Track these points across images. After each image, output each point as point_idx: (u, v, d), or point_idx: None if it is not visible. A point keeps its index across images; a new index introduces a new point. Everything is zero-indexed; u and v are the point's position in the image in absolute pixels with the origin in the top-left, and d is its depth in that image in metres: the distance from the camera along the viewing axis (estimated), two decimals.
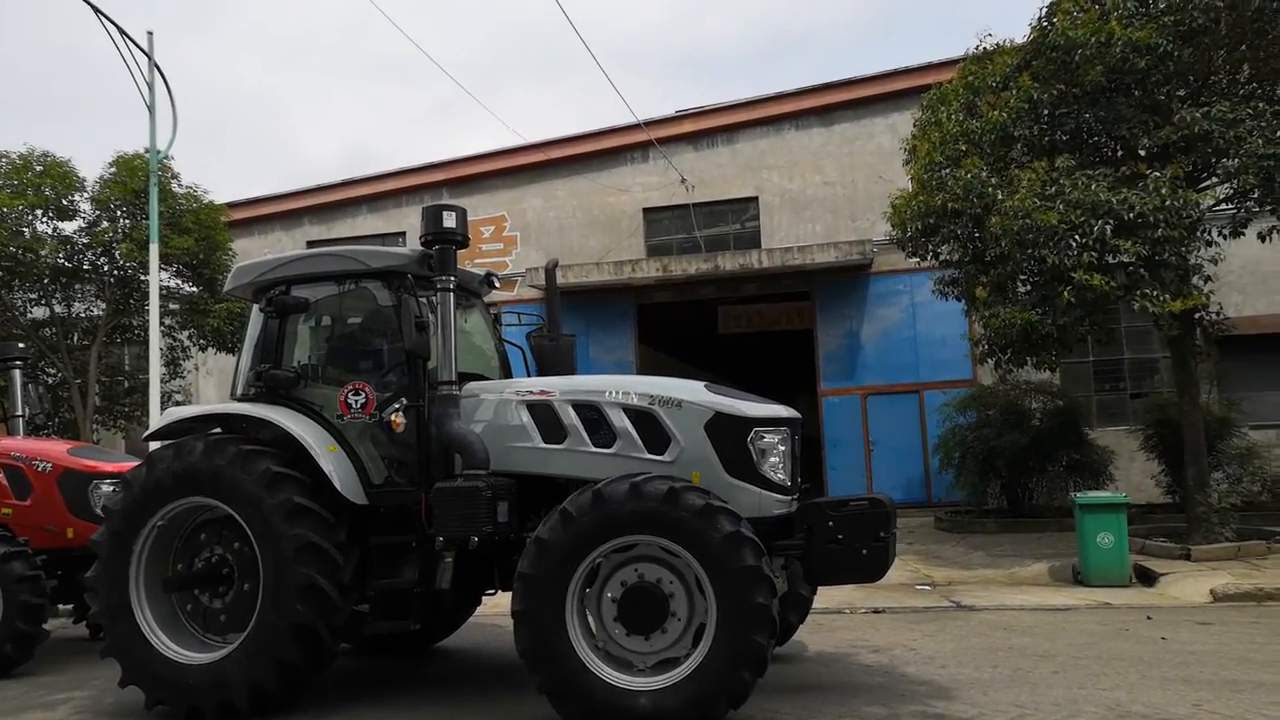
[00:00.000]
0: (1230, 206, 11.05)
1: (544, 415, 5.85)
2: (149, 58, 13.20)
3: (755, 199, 17.95)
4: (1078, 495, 10.42)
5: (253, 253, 18.93)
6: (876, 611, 8.70)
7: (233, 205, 18.23)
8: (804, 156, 17.68)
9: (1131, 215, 9.44)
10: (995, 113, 10.75)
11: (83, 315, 15.69)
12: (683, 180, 17.80)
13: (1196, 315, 10.88)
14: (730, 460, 5.52)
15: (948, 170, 10.87)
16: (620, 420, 5.69)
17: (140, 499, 5.92)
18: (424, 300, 5.95)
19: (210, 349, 15.32)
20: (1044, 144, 10.78)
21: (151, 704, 5.81)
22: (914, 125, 12.22)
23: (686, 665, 5.01)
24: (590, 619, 5.23)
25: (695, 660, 4.99)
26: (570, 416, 5.79)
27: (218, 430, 6.25)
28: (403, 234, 19.37)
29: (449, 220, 5.91)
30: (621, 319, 18.09)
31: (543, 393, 5.91)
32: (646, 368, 18.17)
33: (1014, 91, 10.77)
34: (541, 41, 74.17)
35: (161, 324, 14.11)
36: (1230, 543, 10.56)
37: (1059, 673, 6.16)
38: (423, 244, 6.06)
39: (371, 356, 6.54)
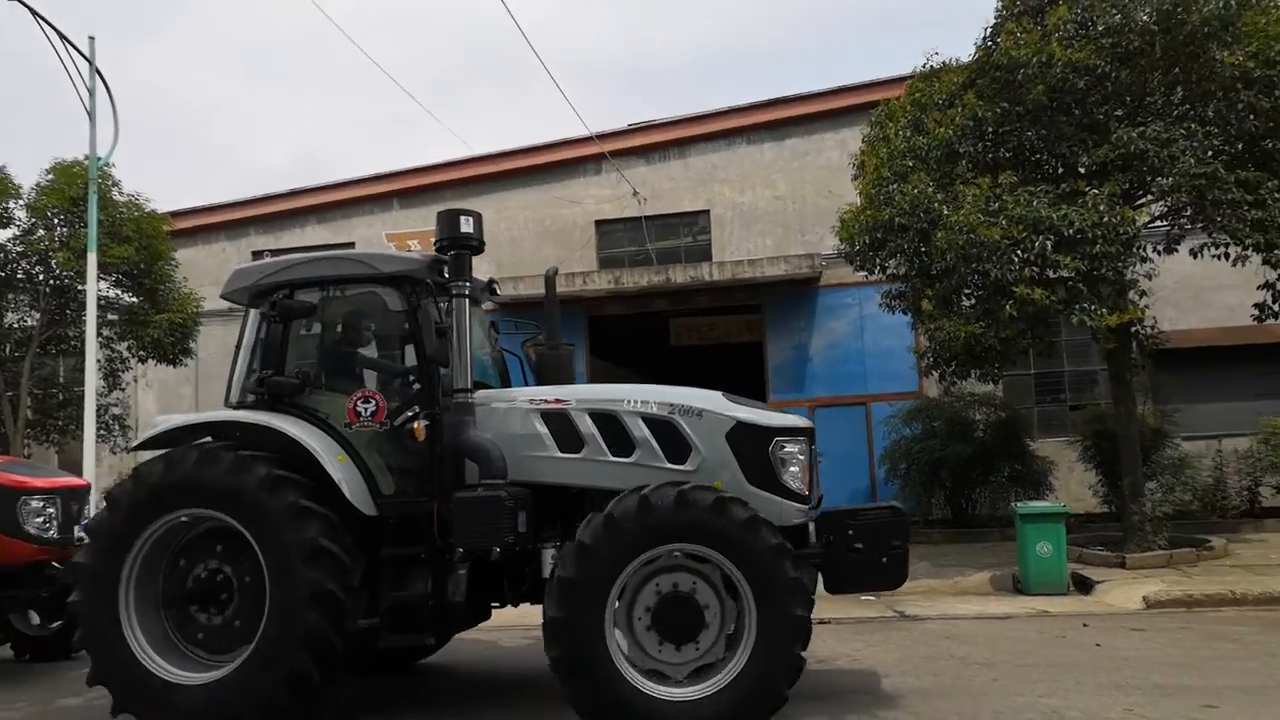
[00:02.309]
0: (1164, 224, 11.39)
1: (559, 424, 5.79)
2: (90, 63, 12.91)
3: (707, 212, 18.07)
4: (1018, 505, 10.61)
5: (197, 264, 18.63)
6: (822, 622, 8.73)
7: (176, 214, 17.86)
8: (755, 171, 17.85)
9: (1071, 231, 9.68)
10: (941, 130, 10.97)
11: (15, 326, 15.22)
12: (635, 193, 17.86)
13: (1132, 329, 11.17)
14: (752, 469, 5.57)
15: (895, 185, 11.04)
16: (640, 429, 5.68)
17: (129, 515, 5.64)
18: (441, 306, 5.84)
19: (151, 361, 14.95)
20: (988, 161, 11.02)
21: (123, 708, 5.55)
22: (863, 141, 12.41)
23: (723, 675, 5.04)
24: (622, 628, 5.18)
25: (733, 671, 5.03)
26: (588, 425, 5.74)
27: (208, 439, 5.99)
28: (351, 244, 19.12)
29: (466, 225, 5.80)
30: (573, 331, 18.01)
31: (557, 401, 5.85)
32: (597, 379, 18.14)
33: (959, 109, 11.00)
34: (500, 55, 74.11)
35: (99, 335, 13.75)
36: (1163, 550, 10.83)
37: (998, 680, 6.26)
38: (438, 249, 5.93)
39: (380, 364, 6.43)
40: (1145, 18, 10.27)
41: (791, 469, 5.64)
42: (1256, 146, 10.38)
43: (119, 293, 14.88)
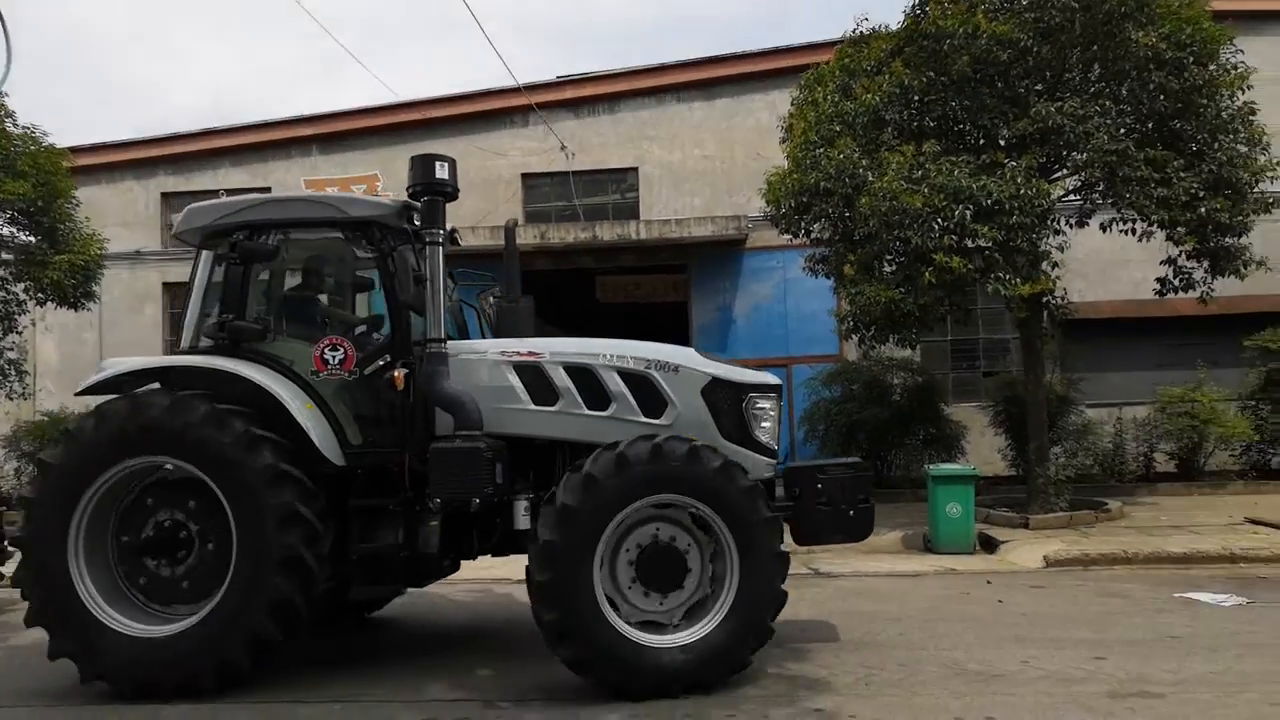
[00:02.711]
0: (1077, 198, 11.73)
1: (533, 377, 5.78)
2: None
3: (635, 170, 17.95)
4: (930, 467, 10.94)
5: (101, 203, 17.77)
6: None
7: (78, 150, 16.97)
8: (685, 130, 17.77)
9: (989, 202, 9.89)
10: (868, 96, 11.05)
11: None
12: (563, 147, 17.62)
13: (1044, 299, 11.53)
14: (726, 424, 5.70)
15: (822, 150, 11.11)
16: (615, 384, 5.72)
17: (89, 455, 5.38)
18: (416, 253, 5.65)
19: (50, 304, 14.24)
20: (913, 129, 11.16)
21: (89, 678, 5.38)
22: (791, 104, 12.44)
23: (712, 616, 5.23)
24: (608, 585, 5.25)
25: (720, 611, 5.23)
26: (562, 379, 5.75)
27: (155, 385, 5.75)
28: (268, 188, 18.46)
29: (441, 171, 5.63)
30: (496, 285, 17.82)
31: (530, 354, 5.82)
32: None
33: (887, 76, 11.09)
34: (439, 4, 71.75)
35: None
36: (1064, 512, 11.32)
37: (905, 634, 6.48)
38: (411, 195, 5.76)
39: (346, 313, 6.22)
40: None
41: (763, 424, 5.80)
42: (1165, 126, 10.75)
43: (14, 231, 14.08)
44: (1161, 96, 10.44)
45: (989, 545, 10.36)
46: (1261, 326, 14.42)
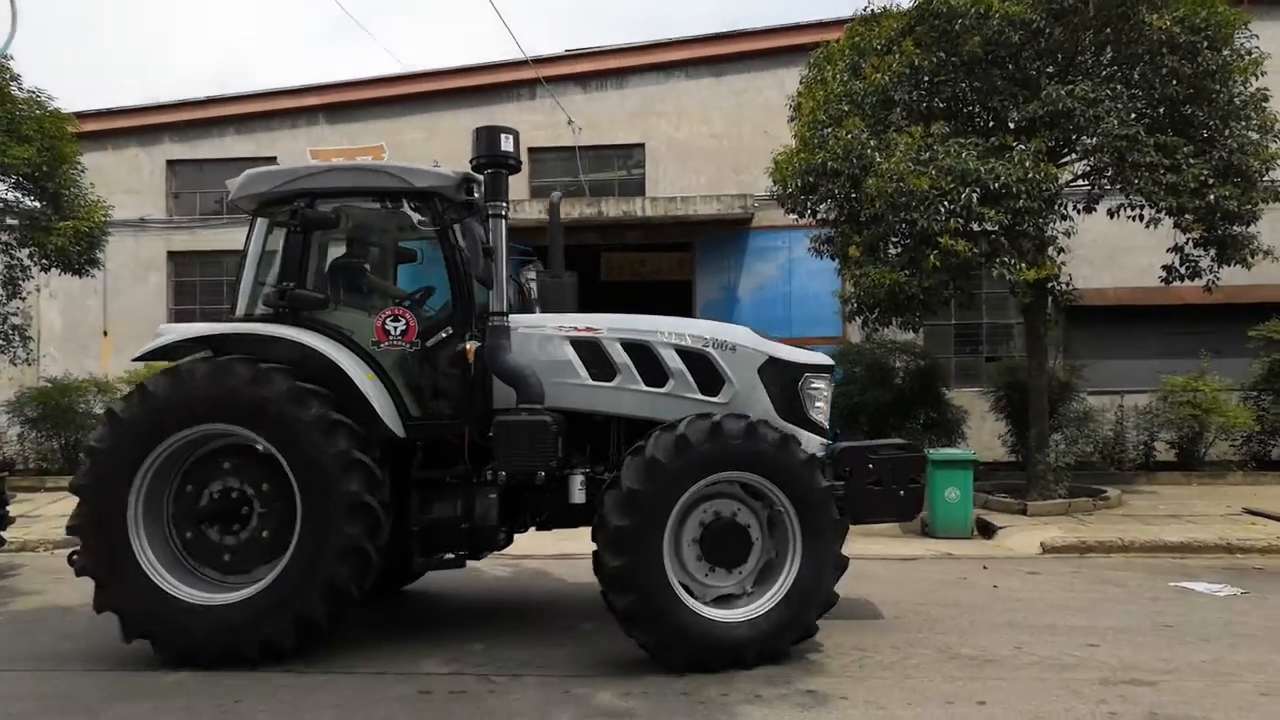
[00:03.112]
0: (1085, 183, 11.64)
1: (590, 352, 5.85)
2: None
3: (642, 145, 17.84)
4: (930, 451, 10.93)
5: (106, 169, 17.70)
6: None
7: (83, 116, 16.86)
8: (692, 106, 17.64)
9: (997, 185, 9.81)
10: (878, 75, 10.95)
11: None
12: (570, 121, 17.50)
13: (1049, 285, 11.47)
14: (781, 403, 5.82)
15: (829, 129, 11.01)
16: (674, 361, 5.80)
17: (163, 414, 5.36)
18: (487, 225, 5.67)
19: (54, 270, 14.23)
20: (922, 110, 11.06)
21: (132, 637, 5.42)
22: (800, 82, 12.32)
23: (779, 589, 5.37)
24: (674, 562, 5.33)
25: (787, 583, 5.36)
26: (620, 355, 5.82)
27: (207, 353, 5.79)
28: (274, 158, 18.38)
29: (506, 144, 5.65)
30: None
31: (588, 329, 5.89)
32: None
33: (897, 56, 10.98)
34: None
35: None
36: (1062, 499, 11.33)
37: (899, 618, 6.50)
38: (474, 167, 5.76)
39: (409, 280, 6.24)
40: None
41: (817, 404, 5.95)
42: (1176, 112, 10.64)
43: (19, 196, 14.05)
44: (1174, 81, 10.33)
45: (987, 530, 10.38)
46: (1267, 316, 14.35)
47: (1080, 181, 11.66)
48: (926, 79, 10.95)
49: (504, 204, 5.67)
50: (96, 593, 5.45)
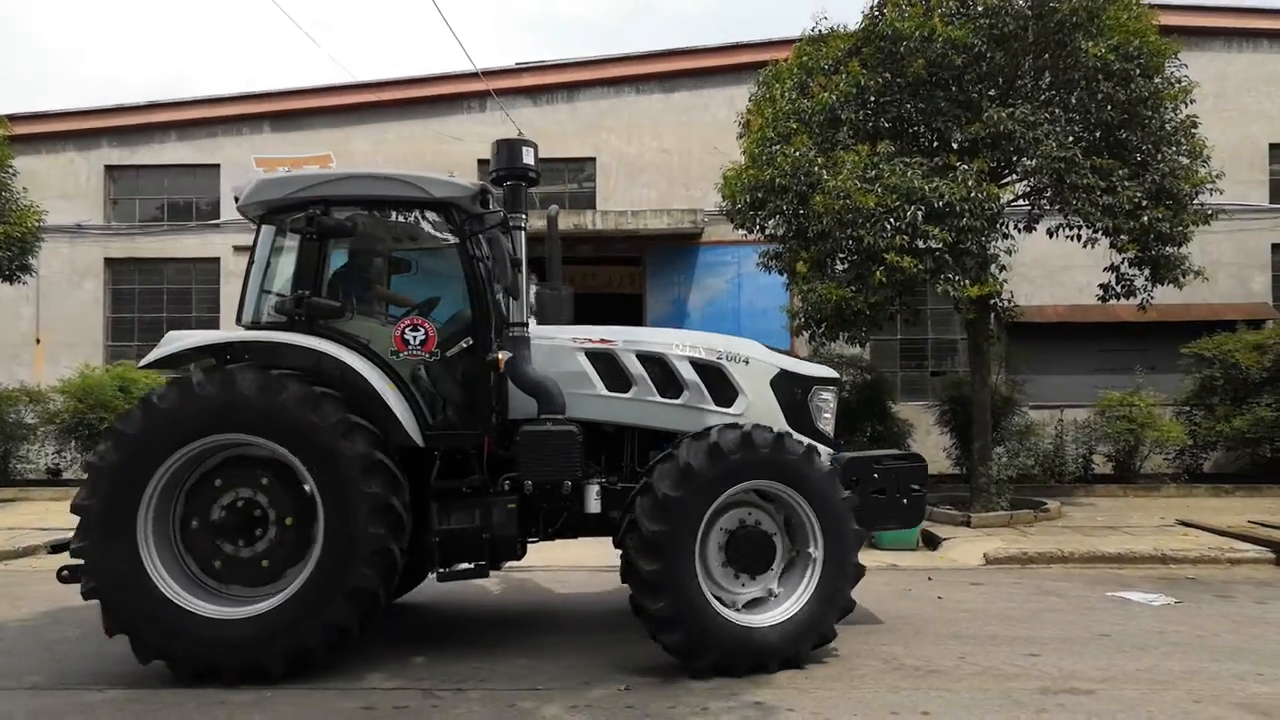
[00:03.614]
0: (1026, 203, 11.93)
1: (606, 364, 5.93)
2: None
3: (593, 159, 17.88)
4: None
5: (40, 174, 17.21)
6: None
7: (15, 119, 16.37)
8: (643, 121, 17.74)
9: (941, 203, 10.01)
10: (825, 95, 11.11)
11: None
12: (520, 134, 17.43)
13: (991, 301, 11.72)
14: (792, 415, 6.02)
15: (778, 147, 11.15)
16: (688, 373, 5.92)
17: (170, 426, 5.19)
18: (512, 236, 5.70)
19: None
20: (868, 129, 11.26)
21: (149, 658, 5.22)
22: (749, 100, 12.47)
23: (800, 595, 5.52)
24: (702, 568, 5.42)
25: (809, 589, 5.50)
26: (636, 366, 5.91)
27: (211, 360, 5.69)
28: (217, 165, 18.08)
29: (527, 157, 5.74)
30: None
31: (603, 341, 5.98)
32: None
33: (844, 76, 11.16)
34: None
35: None
36: (1005, 511, 11.54)
37: (844, 629, 6.52)
38: (494, 179, 5.77)
39: (423, 290, 6.18)
40: (1021, 2, 10.65)
41: (825, 415, 6.19)
42: (1111, 136, 10.98)
43: None
44: (1109, 106, 10.65)
45: (931, 542, 10.52)
46: (1198, 334, 14.83)
47: (1021, 201, 11.95)
48: (872, 99, 11.14)
49: (524, 215, 5.74)
50: (106, 615, 5.23)
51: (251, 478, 5.40)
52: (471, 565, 5.83)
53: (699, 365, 5.95)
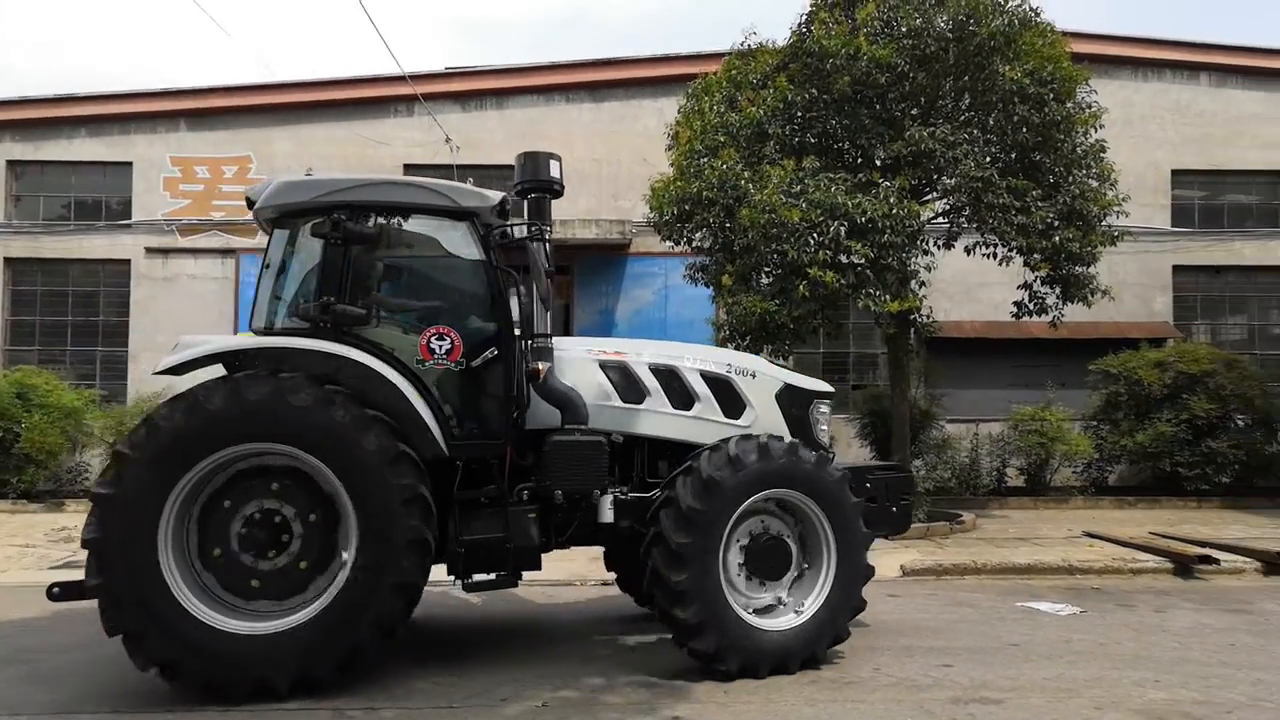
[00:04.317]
0: (945, 221, 12.25)
1: (620, 376, 6.03)
2: None
3: None
4: None
5: None
6: (606, 584, 8.90)
7: None
8: (573, 130, 17.70)
9: (863, 220, 10.21)
10: (753, 109, 11.25)
11: None
12: (448, 140, 17.27)
13: (911, 317, 11.98)
14: (794, 427, 6.25)
15: (706, 159, 11.25)
16: (699, 385, 6.09)
17: (180, 444, 4.96)
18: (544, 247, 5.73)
19: None
20: (794, 144, 11.43)
21: (196, 684, 4.97)
22: (678, 112, 12.55)
23: (815, 598, 5.71)
24: (724, 576, 5.55)
25: (823, 592, 5.72)
26: (649, 378, 6.02)
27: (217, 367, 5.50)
28: (129, 163, 17.44)
29: (553, 170, 5.81)
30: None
31: (616, 353, 6.10)
32: None
33: (771, 91, 11.32)
34: None
35: None
36: (921, 524, 11.75)
37: None
38: (518, 191, 5.74)
39: (443, 298, 6.06)
40: (943, 25, 10.95)
41: (822, 427, 6.45)
42: (1026, 157, 11.35)
43: None
44: (1024, 129, 11.01)
45: None
46: (1105, 352, 15.41)
47: (940, 219, 12.26)
48: (799, 114, 11.32)
49: (548, 226, 5.80)
50: (109, 613, 4.92)
51: (267, 489, 5.25)
52: (493, 575, 5.82)
53: (709, 378, 6.13)
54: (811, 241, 10.19)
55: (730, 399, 6.15)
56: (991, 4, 10.89)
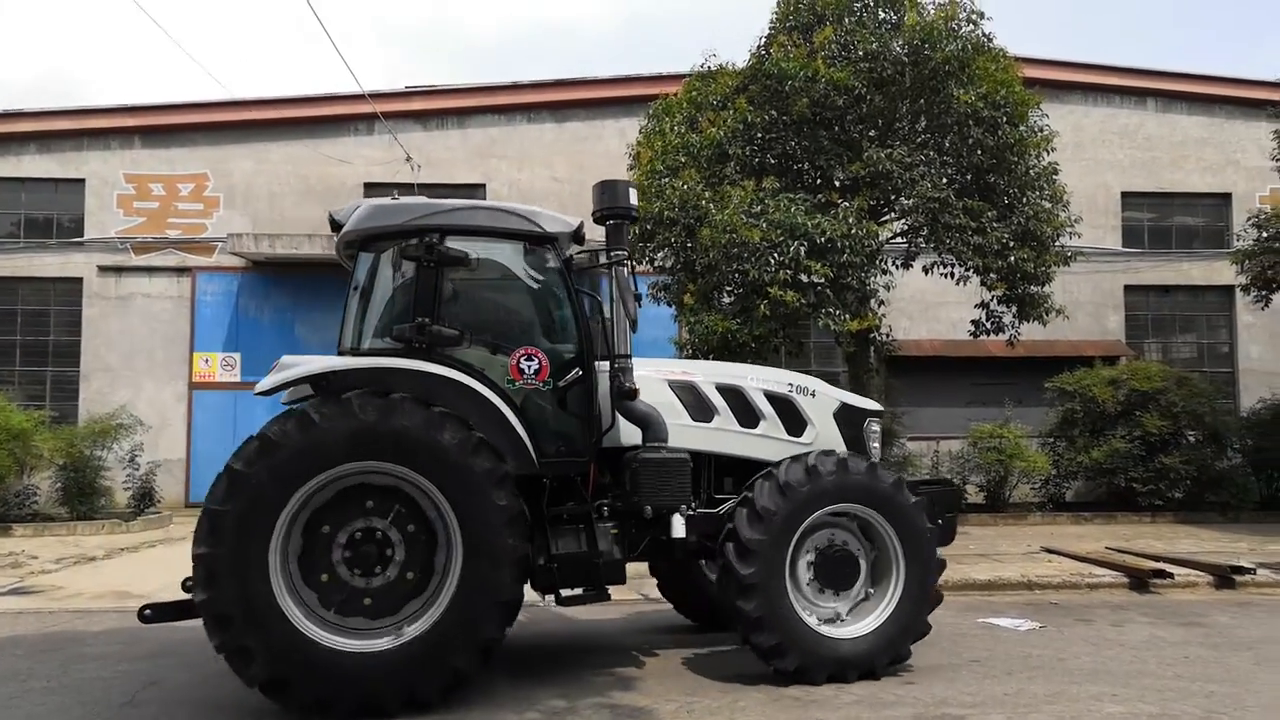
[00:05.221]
0: (903, 241, 12.43)
1: (689, 395, 6.22)
2: None
3: (483, 186, 17.74)
4: None
5: None
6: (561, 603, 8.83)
7: None
8: (535, 150, 17.73)
9: (823, 239, 10.32)
10: (713, 130, 11.35)
11: None
12: (408, 158, 17.19)
13: (871, 335, 12.11)
14: (850, 444, 6.42)
15: (667, 180, 11.32)
16: (763, 404, 6.30)
17: (294, 463, 4.98)
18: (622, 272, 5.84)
19: None
20: (754, 165, 11.54)
21: (308, 706, 4.93)
22: (640, 132, 12.61)
23: (880, 613, 5.89)
24: (791, 580, 5.75)
25: (888, 609, 5.88)
26: (716, 398, 6.23)
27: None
28: (81, 181, 17.13)
29: (631, 197, 5.97)
30: (335, 297, 17.04)
31: (684, 374, 6.31)
32: None
33: (732, 112, 11.43)
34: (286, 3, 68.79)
35: None
36: None
37: (726, 660, 6.53)
38: (596, 219, 5.94)
39: (531, 320, 6.17)
40: (898, 49, 11.14)
41: (874, 445, 6.62)
42: (981, 179, 11.57)
43: None
44: (979, 151, 11.22)
45: None
46: (1061, 369, 15.67)
47: (899, 239, 12.43)
48: (759, 135, 11.43)
49: (624, 251, 5.90)
50: (217, 630, 4.85)
51: (370, 508, 5.29)
52: (581, 591, 5.88)
53: (772, 397, 6.34)
54: (772, 261, 10.28)
55: (792, 417, 6.37)
56: (946, 29, 11.10)
